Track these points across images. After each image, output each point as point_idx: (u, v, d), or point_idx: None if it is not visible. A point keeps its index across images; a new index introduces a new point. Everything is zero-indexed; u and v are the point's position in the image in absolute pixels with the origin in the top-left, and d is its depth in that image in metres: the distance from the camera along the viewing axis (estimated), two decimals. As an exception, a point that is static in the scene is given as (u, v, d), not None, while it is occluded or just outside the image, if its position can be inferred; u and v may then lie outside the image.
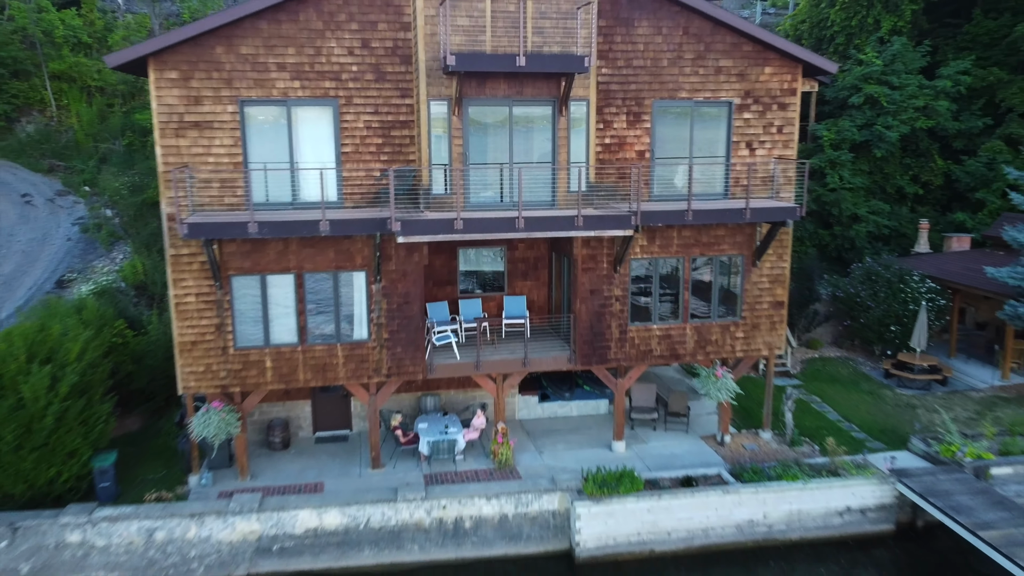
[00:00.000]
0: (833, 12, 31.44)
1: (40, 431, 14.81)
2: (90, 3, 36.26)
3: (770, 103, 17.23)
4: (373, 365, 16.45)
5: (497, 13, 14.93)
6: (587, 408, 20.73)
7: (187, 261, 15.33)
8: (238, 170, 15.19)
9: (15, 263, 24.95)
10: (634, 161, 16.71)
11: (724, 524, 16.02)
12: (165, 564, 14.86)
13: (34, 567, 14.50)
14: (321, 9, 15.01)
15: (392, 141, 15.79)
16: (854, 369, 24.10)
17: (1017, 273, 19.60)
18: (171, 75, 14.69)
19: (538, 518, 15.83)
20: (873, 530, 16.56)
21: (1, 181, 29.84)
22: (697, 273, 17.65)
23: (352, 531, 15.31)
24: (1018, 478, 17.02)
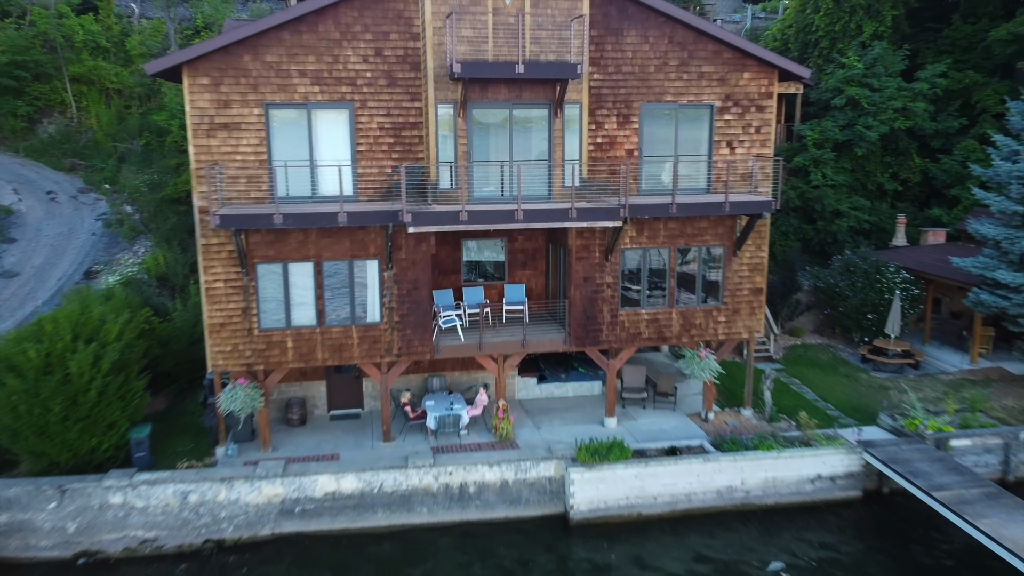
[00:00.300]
0: (818, 18, 33.00)
1: (84, 404, 16.35)
2: (107, 9, 37.82)
3: (748, 106, 18.78)
4: (385, 345, 18.00)
5: (498, 25, 16.49)
6: (582, 389, 22.27)
7: (216, 250, 16.88)
8: (263, 167, 16.74)
9: (44, 256, 26.50)
10: (624, 159, 18.26)
11: (705, 490, 17.58)
12: (198, 524, 16.42)
13: (80, 526, 16.06)
14: (338, 21, 16.56)
15: (403, 140, 17.34)
16: (833, 355, 25.65)
17: (979, 263, 21.14)
18: (203, 81, 16.24)
19: (536, 484, 17.39)
20: (842, 496, 18.12)
21: (27, 179, 31.37)
22: (682, 262, 19.19)
23: (367, 495, 16.87)
24: (975, 449, 18.59)
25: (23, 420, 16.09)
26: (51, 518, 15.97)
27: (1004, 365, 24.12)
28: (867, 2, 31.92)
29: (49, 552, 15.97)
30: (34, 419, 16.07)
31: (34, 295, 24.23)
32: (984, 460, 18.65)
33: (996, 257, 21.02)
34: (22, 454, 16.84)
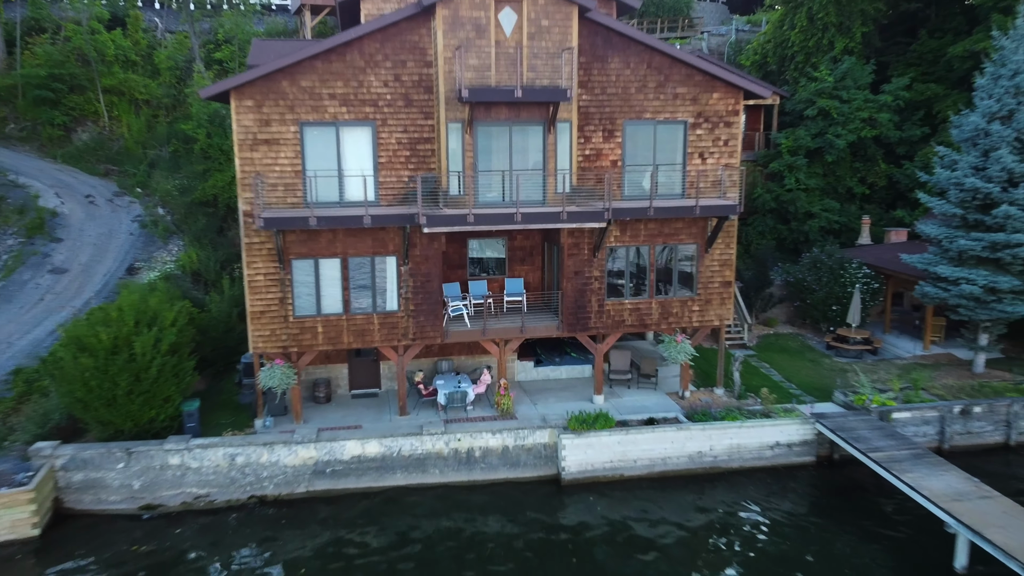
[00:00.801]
0: (793, 34, 35.77)
1: (146, 380, 19.11)
2: (135, 25, 40.60)
3: (718, 122, 21.55)
4: (402, 331, 20.78)
5: (500, 54, 19.26)
6: (574, 372, 25.03)
7: (258, 248, 19.65)
8: (298, 176, 19.51)
9: (89, 254, 29.29)
10: (608, 168, 21.03)
11: (679, 454, 20.37)
12: (243, 482, 19.21)
13: (143, 483, 18.84)
14: (363, 51, 19.33)
15: (418, 153, 20.12)
16: (802, 342, 28.43)
17: (924, 259, 23.92)
18: (247, 103, 19.02)
19: (532, 449, 20.18)
20: (797, 460, 20.91)
21: (66, 184, 34.17)
22: (661, 257, 21.96)
23: (388, 458, 19.66)
24: (915, 421, 21.37)
25: (94, 393, 18.85)
26: (119, 477, 18.76)
27: (953, 351, 26.91)
28: (838, 20, 34.71)
29: (117, 506, 18.76)
30: (103, 392, 18.83)
31: (84, 289, 27.04)
32: (923, 430, 21.43)
33: (938, 254, 23.81)
34: (91, 423, 19.60)
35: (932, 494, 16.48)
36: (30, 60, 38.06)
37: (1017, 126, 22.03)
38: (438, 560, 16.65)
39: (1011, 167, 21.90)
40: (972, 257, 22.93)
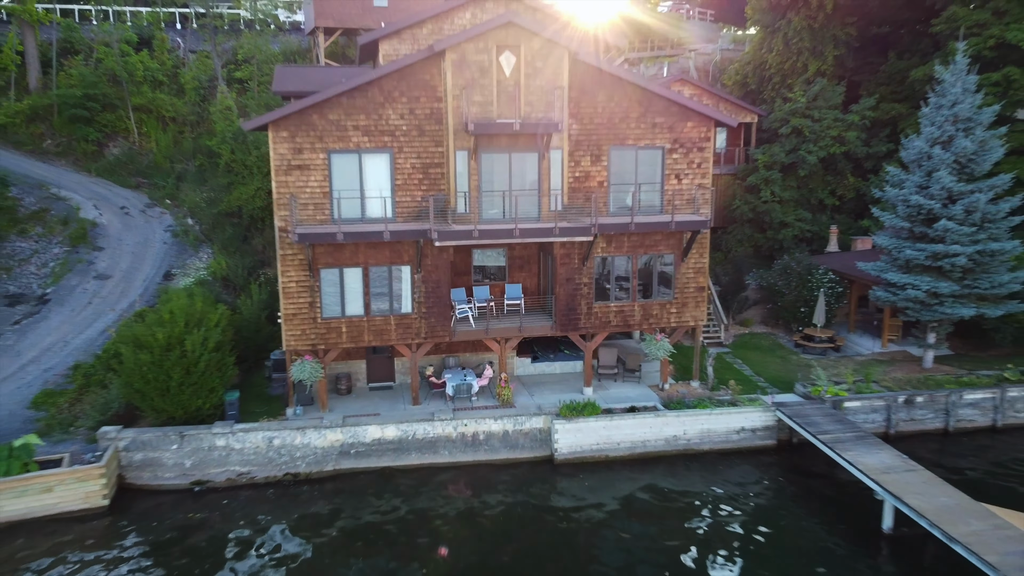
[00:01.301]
0: (771, 57, 38.80)
1: (195, 373, 22.13)
2: (161, 46, 43.62)
3: (691, 147, 24.58)
4: (415, 330, 23.80)
5: (501, 91, 22.28)
6: (567, 367, 28.04)
7: (291, 259, 22.67)
8: (326, 197, 22.53)
9: (129, 261, 32.31)
10: (596, 189, 24.06)
11: (656, 438, 23.39)
12: (279, 461, 22.23)
13: (194, 462, 21.86)
14: (383, 89, 22.35)
15: (429, 176, 23.14)
16: (773, 341, 31.46)
17: (877, 266, 26.94)
18: (283, 134, 22.04)
19: (529, 433, 23.20)
20: (761, 444, 23.93)
21: (102, 196, 37.19)
22: (642, 266, 24.96)
23: (404, 441, 22.69)
24: (864, 409, 24.39)
25: (151, 385, 21.88)
26: (173, 456, 21.78)
27: (908, 349, 29.93)
28: (811, 44, 37.74)
29: (172, 481, 21.78)
30: (159, 384, 21.86)
31: (127, 293, 30.06)
32: (871, 417, 24.45)
33: (889, 262, 26.83)
34: (147, 410, 22.61)
35: (866, 468, 19.51)
36: (65, 80, 41.08)
37: (955, 150, 25.06)
38: (449, 526, 19.67)
39: (950, 186, 24.93)
40: (917, 265, 25.96)
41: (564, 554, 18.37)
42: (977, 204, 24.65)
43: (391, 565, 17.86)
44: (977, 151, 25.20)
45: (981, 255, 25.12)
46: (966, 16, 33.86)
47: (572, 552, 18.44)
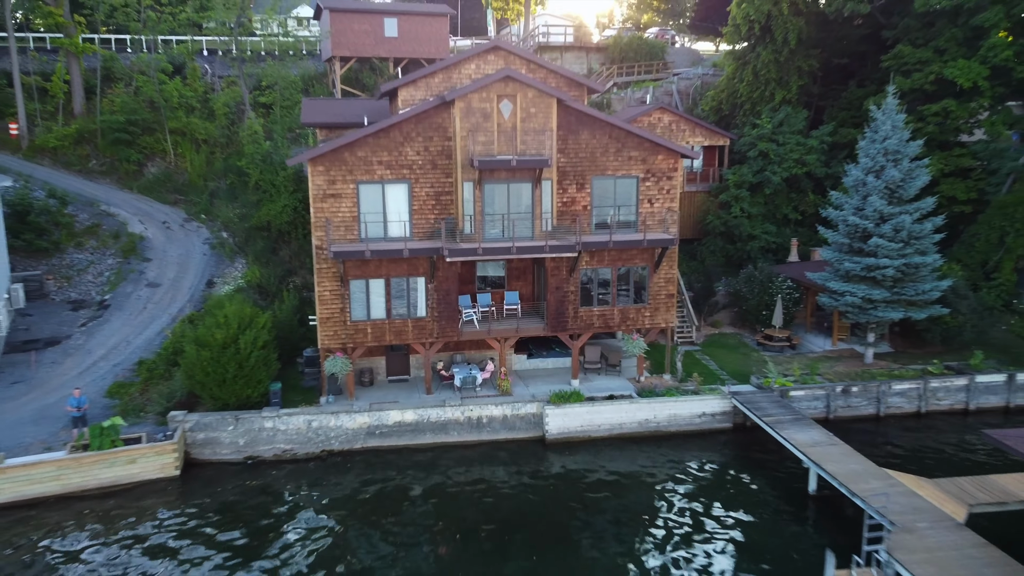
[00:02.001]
0: (742, 87, 43.34)
1: (247, 367, 26.62)
2: (193, 74, 48.13)
3: (661, 176, 29.10)
4: (429, 331, 28.30)
5: (500, 132, 26.81)
6: (557, 363, 32.52)
7: (325, 271, 27.18)
8: (354, 220, 27.03)
9: (175, 271, 36.83)
10: (580, 212, 28.58)
11: (631, 421, 27.91)
12: (317, 440, 26.74)
13: (247, 440, 26.36)
14: (402, 130, 26.87)
15: (441, 202, 27.65)
16: (739, 340, 35.98)
17: (821, 276, 31.47)
18: (320, 168, 26.55)
19: (525, 417, 27.72)
20: (719, 426, 28.45)
21: (145, 212, 41.71)
22: (620, 276, 29.46)
23: (420, 423, 27.22)
24: (807, 397, 28.90)
25: (210, 377, 26.36)
26: (229, 436, 26.29)
27: (854, 347, 34.45)
28: (777, 75, 42.28)
29: (228, 456, 26.28)
30: (217, 376, 26.35)
31: (176, 299, 34.58)
32: (813, 404, 28.97)
33: (832, 272, 31.36)
34: (205, 398, 27.09)
35: (797, 443, 24.03)
36: (108, 106, 45.59)
37: (886, 179, 29.59)
38: (459, 492, 24.19)
39: (881, 209, 29.47)
40: (855, 275, 30.49)
41: (552, 512, 22.87)
42: (903, 224, 29.19)
43: (411, 525, 22.37)
44: (904, 179, 29.73)
45: (907, 267, 29.64)
46: (910, 54, 38.47)
47: (559, 511, 22.96)
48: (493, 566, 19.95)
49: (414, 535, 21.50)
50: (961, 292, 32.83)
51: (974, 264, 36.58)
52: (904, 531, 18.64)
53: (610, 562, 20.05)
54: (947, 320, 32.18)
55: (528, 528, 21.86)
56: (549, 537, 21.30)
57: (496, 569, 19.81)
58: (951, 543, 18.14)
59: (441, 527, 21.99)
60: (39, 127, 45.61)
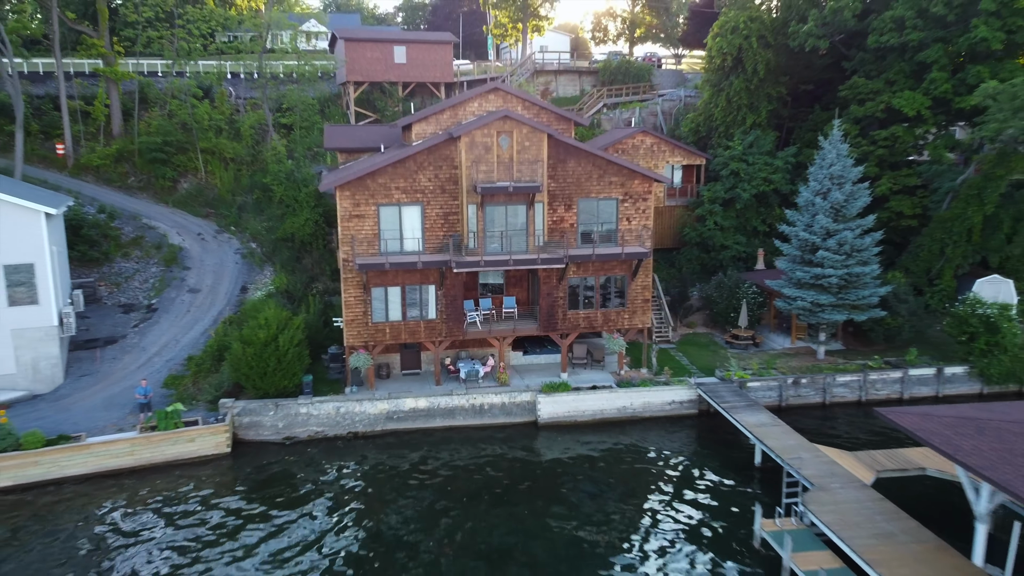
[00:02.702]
0: (717, 112, 48.16)
1: (284, 362, 31.41)
2: (221, 98, 52.96)
3: (638, 198, 33.90)
4: (438, 331, 33.10)
5: (499, 163, 31.61)
6: (550, 359, 37.31)
7: (350, 280, 31.99)
8: (375, 237, 31.82)
9: (212, 278, 41.63)
10: (567, 230, 33.38)
11: (611, 407, 32.73)
12: (344, 423, 31.55)
13: (285, 423, 31.18)
14: (416, 161, 31.68)
15: (449, 221, 32.45)
16: (710, 339, 40.79)
17: (778, 283, 36.28)
18: (346, 193, 31.36)
19: (520, 404, 32.54)
20: (686, 412, 33.26)
21: (181, 224, 46.53)
22: (603, 284, 34.25)
23: (431, 409, 32.04)
24: (763, 388, 33.70)
25: (253, 370, 31.15)
26: (270, 420, 31.10)
27: (810, 345, 39.24)
28: (748, 101, 47.09)
29: (269, 436, 31.08)
30: (259, 369, 31.13)
31: (215, 303, 39.39)
32: (767, 394, 33.76)
33: (786, 280, 36.18)
34: (249, 388, 31.87)
35: (747, 424, 28.84)
36: (144, 128, 50.42)
37: (831, 200, 34.41)
38: (464, 466, 29.00)
39: (827, 226, 34.29)
40: (805, 283, 35.31)
41: (541, 483, 27.67)
42: (846, 239, 34.03)
43: (425, 490, 27.19)
44: (847, 200, 34.57)
45: (850, 276, 34.46)
46: (864, 85, 43.32)
47: (547, 481, 27.77)
48: (492, 518, 24.76)
49: (427, 497, 26.33)
50: (902, 297, 37.64)
51: (919, 271, 41.35)
52: (819, 490, 23.47)
53: (586, 511, 24.85)
54: (888, 321, 36.99)
55: (522, 491, 26.68)
56: (538, 497, 26.12)
57: (494, 519, 24.62)
58: (855, 499, 22.96)
59: (449, 491, 26.81)
60: (83, 147, 50.44)
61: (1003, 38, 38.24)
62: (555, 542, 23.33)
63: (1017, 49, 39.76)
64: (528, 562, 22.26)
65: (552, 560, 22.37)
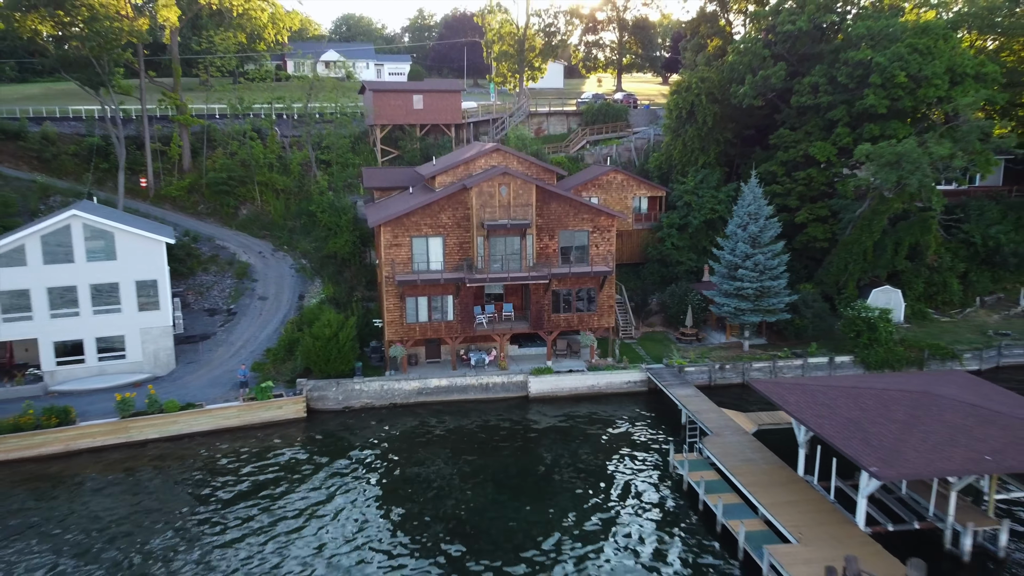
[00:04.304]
0: (675, 153, 59.70)
1: (343, 352, 42.92)
2: (272, 138, 64.51)
3: (604, 230, 45.43)
4: (454, 329, 44.63)
5: (500, 206, 43.14)
6: (538, 350, 48.70)
7: (390, 291, 43.53)
8: (409, 259, 43.34)
9: (275, 288, 53.15)
10: (551, 254, 44.93)
11: (583, 386, 44.30)
12: (386, 396, 43.10)
13: (343, 396, 42.70)
14: (439, 204, 43.22)
15: (463, 248, 44.00)
16: (665, 336, 52.28)
17: (711, 293, 47.83)
18: (388, 228, 42.90)
19: (516, 383, 44.11)
20: (639, 389, 44.83)
21: (245, 244, 58.05)
22: (578, 293, 45.75)
23: (450, 387, 43.61)
24: (698, 372, 45.24)
25: (320, 357, 42.66)
26: (332, 394, 42.63)
27: (740, 340, 50.74)
28: (700, 145, 58.63)
29: (332, 406, 42.59)
30: (324, 357, 42.62)
31: (280, 309, 50.92)
32: (700, 376, 45.26)
33: (717, 290, 47.75)
34: (316, 371, 43.32)
35: (677, 396, 40.38)
36: (211, 165, 61.97)
37: (748, 231, 45.94)
38: (473, 426, 40.56)
39: (745, 251, 45.83)
40: (730, 293, 46.84)
41: (530, 440, 39.21)
42: (759, 261, 45.55)
43: (444, 443, 38.73)
44: (760, 231, 46.10)
45: (762, 288, 45.97)
46: (788, 135, 54.90)
47: (536, 445, 39.31)
48: (493, 459, 36.28)
49: (447, 448, 37.85)
50: (808, 303, 49.14)
51: (830, 283, 52.80)
52: (715, 435, 35.05)
53: (561, 453, 36.36)
54: (796, 322, 48.52)
55: (516, 443, 38.22)
56: (526, 448, 37.66)
57: (494, 462, 36.13)
58: (738, 441, 34.50)
59: (462, 445, 38.32)
60: (161, 180, 61.98)
61: (887, 104, 49.71)
62: (538, 472, 34.91)
63: (899, 112, 51.23)
64: (519, 484, 33.82)
65: (536, 480, 33.93)
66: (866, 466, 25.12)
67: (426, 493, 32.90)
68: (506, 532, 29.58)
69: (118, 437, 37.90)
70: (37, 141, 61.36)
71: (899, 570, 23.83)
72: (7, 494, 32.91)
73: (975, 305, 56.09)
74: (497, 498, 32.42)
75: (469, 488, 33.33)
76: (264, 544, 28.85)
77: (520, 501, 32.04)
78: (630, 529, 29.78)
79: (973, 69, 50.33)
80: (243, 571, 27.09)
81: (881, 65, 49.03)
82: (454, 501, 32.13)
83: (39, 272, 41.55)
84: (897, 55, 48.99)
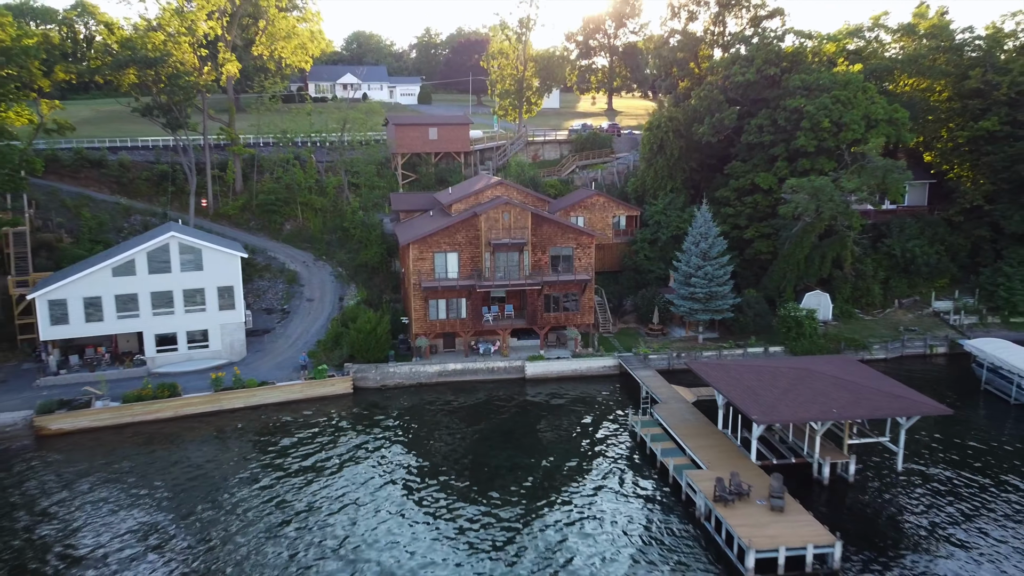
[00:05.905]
0: (649, 179, 71.70)
1: (380, 342, 54.91)
2: (310, 164, 76.54)
3: (585, 246, 57.42)
4: (468, 325, 56.63)
5: (503, 228, 55.13)
6: (533, 342, 60.63)
7: (416, 295, 55.51)
8: (432, 270, 55.31)
9: (319, 292, 65.14)
10: (543, 265, 56.93)
11: (568, 369, 56.31)
12: (415, 377, 55.13)
13: (381, 377, 54.70)
14: (456, 227, 55.20)
15: (475, 261, 55.97)
16: (636, 332, 64.24)
17: (671, 296, 59.84)
18: (415, 246, 54.89)
19: (515, 367, 56.13)
20: (612, 372, 56.83)
21: (290, 255, 70.06)
22: (565, 296, 57.70)
23: (463, 370, 55.66)
24: (659, 358, 57.24)
25: (362, 346, 54.65)
26: (372, 375, 54.63)
27: (696, 334, 62.69)
28: (668, 173, 70.59)
29: (372, 385, 54.55)
30: (365, 346, 54.61)
31: (324, 309, 62.92)
32: (661, 362, 57.13)
33: (676, 294, 59.77)
34: (359, 357, 55.22)
35: (640, 377, 52.40)
36: (260, 187, 73.97)
37: (700, 248, 57.95)
38: (481, 401, 52.59)
39: (697, 263, 57.85)
40: (686, 296, 58.84)
41: (526, 414, 51.23)
42: (708, 271, 57.57)
43: (460, 414, 50.76)
44: (709, 247, 58.08)
45: (711, 293, 57.94)
46: (739, 167, 66.94)
47: (530, 413, 51.33)
48: (496, 425, 48.31)
49: (462, 418, 49.86)
50: (752, 304, 61.10)
51: (773, 288, 64.76)
52: (663, 403, 47.12)
53: (550, 420, 48.38)
54: (740, 319, 60.53)
55: (515, 414, 50.25)
56: (522, 419, 49.71)
57: (497, 427, 48.13)
58: (679, 407, 46.56)
59: (473, 415, 50.32)
60: (219, 201, 73.96)
61: (815, 144, 61.71)
62: (530, 434, 46.98)
63: (825, 151, 63.19)
64: (517, 440, 45.85)
65: (529, 438, 45.99)
66: (752, 415, 37.11)
67: (445, 444, 44.87)
68: (503, 469, 41.58)
69: (212, 406, 49.89)
70: (116, 168, 73.38)
71: (766, 481, 35.81)
72: (143, 445, 44.98)
73: (894, 306, 68.11)
74: (498, 447, 44.41)
75: (477, 442, 45.32)
76: (329, 477, 40.87)
77: (517, 451, 44.03)
78: (597, 467, 41.78)
79: (886, 115, 62.37)
80: (310, 491, 39.08)
81: (810, 112, 61.06)
82: (464, 449, 44.11)
83: (145, 280, 53.58)
84: (823, 105, 61.06)
